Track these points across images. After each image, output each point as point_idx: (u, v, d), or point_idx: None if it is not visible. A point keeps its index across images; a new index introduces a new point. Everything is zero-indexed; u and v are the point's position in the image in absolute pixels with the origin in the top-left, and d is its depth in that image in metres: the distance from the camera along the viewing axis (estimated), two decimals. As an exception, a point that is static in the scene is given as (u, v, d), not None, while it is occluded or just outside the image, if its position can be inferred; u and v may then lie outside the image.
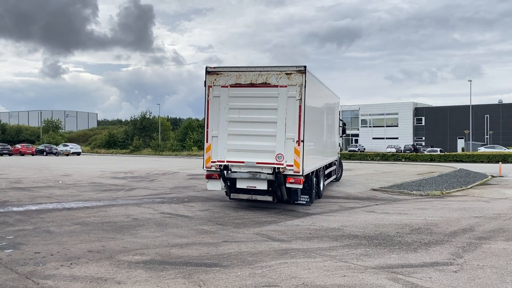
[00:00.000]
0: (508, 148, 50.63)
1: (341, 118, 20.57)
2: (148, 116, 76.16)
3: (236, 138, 10.91)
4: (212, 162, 10.99)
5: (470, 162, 38.56)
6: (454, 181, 20.06)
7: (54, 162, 36.83)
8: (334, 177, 18.06)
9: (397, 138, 73.43)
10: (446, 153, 45.37)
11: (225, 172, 10.79)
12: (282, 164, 10.45)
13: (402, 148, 60.00)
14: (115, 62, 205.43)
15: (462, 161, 38.87)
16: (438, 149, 51.27)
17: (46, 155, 56.62)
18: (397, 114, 75.88)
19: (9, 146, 57.00)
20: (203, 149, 11.28)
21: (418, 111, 75.53)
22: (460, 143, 66.79)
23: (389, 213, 11.30)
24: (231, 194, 11.30)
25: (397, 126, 75.69)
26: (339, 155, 20.04)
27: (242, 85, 10.84)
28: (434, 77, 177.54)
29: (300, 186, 10.82)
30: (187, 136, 68.57)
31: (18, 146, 58.29)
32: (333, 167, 17.58)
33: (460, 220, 10.42)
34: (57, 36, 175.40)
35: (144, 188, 16.08)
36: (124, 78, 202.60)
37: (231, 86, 10.89)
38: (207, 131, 11.10)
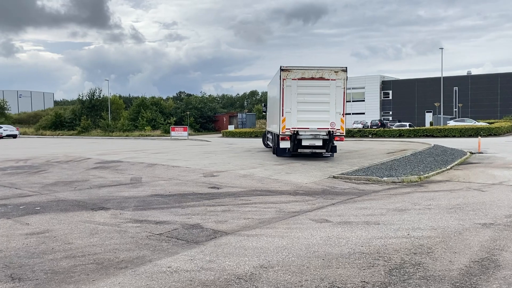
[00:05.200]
0: (478, 121, 47.99)
1: None
2: (97, 93, 69.44)
3: (303, 113, 15.90)
4: (286, 129, 15.94)
5: (442, 136, 35.39)
6: (430, 161, 16.28)
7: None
8: None
9: (363, 113, 70.03)
10: (415, 127, 42.05)
11: (295, 135, 15.97)
12: (334, 128, 15.91)
13: (369, 124, 56.60)
14: (75, 40, 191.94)
15: (433, 136, 35.66)
16: (407, 124, 47.90)
17: (-26, 139, 49.94)
18: (363, 88, 72.33)
19: None
20: (279, 121, 16.10)
21: (385, 85, 72.27)
22: (428, 117, 64.02)
23: (350, 224, 7.07)
24: (298, 149, 16.62)
25: (363, 100, 72.30)
26: None
27: (306, 78, 15.83)
28: (399, 54, 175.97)
29: (343, 142, 17.98)
30: (139, 115, 62.71)
31: None
32: None
33: (464, 235, 6.31)
34: (6, 12, 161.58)
35: (5, 186, 11.24)
36: (86, 57, 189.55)
37: (298, 79, 15.79)
38: (282, 109, 15.86)
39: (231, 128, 55.68)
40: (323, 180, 12.11)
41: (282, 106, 15.81)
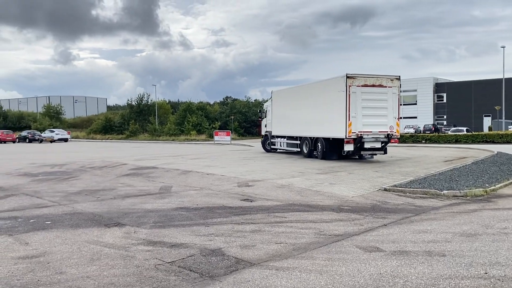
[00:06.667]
0: (545, 126, 43.92)
1: None
2: (146, 98, 70.59)
3: (366, 117, 17.34)
4: (352, 132, 17.14)
5: (504, 143, 32.23)
6: (495, 171, 14.38)
7: (8, 151, 31.87)
8: None
9: (416, 117, 66.57)
10: (474, 132, 38.96)
11: (360, 138, 17.32)
12: (392, 132, 17.78)
13: (422, 129, 53.48)
14: (127, 47, 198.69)
15: (493, 142, 32.60)
16: (464, 129, 44.68)
17: (29, 142, 51.94)
18: (415, 91, 68.78)
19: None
20: (345, 126, 17.13)
21: (439, 87, 68.38)
22: (487, 121, 59.78)
23: (408, 254, 5.66)
24: (361, 152, 18.06)
25: (415, 104, 68.78)
26: None
27: (367, 86, 17.35)
28: (452, 55, 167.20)
29: (394, 149, 20.86)
30: (185, 119, 62.93)
31: (-3, 132, 53.20)
32: None
33: None
34: (63, 22, 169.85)
35: (27, 194, 10.66)
36: (138, 64, 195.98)
37: (362, 86, 17.24)
38: (349, 114, 17.04)
39: (275, 132, 54.46)
40: (372, 193, 10.64)
41: (349, 111, 17.03)
